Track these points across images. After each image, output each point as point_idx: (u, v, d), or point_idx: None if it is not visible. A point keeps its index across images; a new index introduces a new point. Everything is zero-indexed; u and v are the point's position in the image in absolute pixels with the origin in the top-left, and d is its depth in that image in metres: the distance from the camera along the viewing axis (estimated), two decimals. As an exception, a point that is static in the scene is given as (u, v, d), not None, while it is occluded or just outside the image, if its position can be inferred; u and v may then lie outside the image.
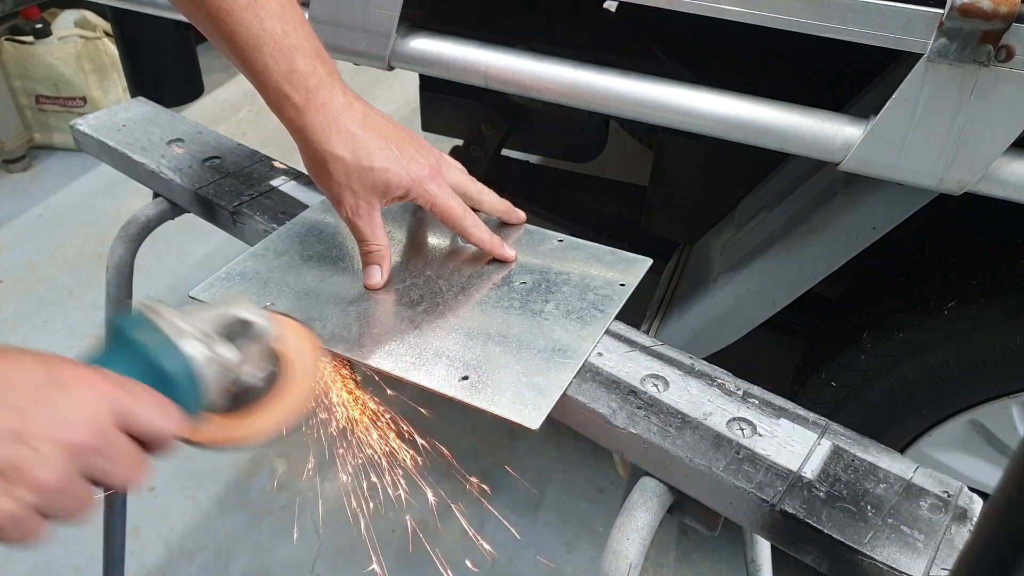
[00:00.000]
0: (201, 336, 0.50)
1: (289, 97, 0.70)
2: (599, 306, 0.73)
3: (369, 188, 0.72)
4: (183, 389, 0.49)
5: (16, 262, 2.17)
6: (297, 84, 0.70)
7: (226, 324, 0.52)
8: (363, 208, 0.73)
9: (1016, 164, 0.72)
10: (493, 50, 0.91)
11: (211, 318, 0.52)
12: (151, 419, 0.47)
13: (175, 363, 0.49)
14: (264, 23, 0.69)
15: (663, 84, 0.84)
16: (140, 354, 0.49)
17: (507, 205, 0.82)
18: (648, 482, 0.63)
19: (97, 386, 0.45)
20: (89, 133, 1.03)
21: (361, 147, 0.71)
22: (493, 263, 0.78)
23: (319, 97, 0.71)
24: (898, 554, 0.54)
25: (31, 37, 2.46)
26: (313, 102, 0.71)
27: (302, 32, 0.71)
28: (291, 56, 0.70)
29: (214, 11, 0.69)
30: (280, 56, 0.70)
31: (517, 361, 0.66)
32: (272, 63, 0.70)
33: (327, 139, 0.71)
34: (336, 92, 0.72)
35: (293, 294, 0.74)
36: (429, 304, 0.73)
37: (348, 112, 0.72)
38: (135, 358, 0.49)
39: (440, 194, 0.75)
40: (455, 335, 0.69)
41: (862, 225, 0.90)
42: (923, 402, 1.03)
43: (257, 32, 0.69)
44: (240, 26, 0.69)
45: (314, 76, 0.71)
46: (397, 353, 0.68)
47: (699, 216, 1.29)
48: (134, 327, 0.49)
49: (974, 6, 0.63)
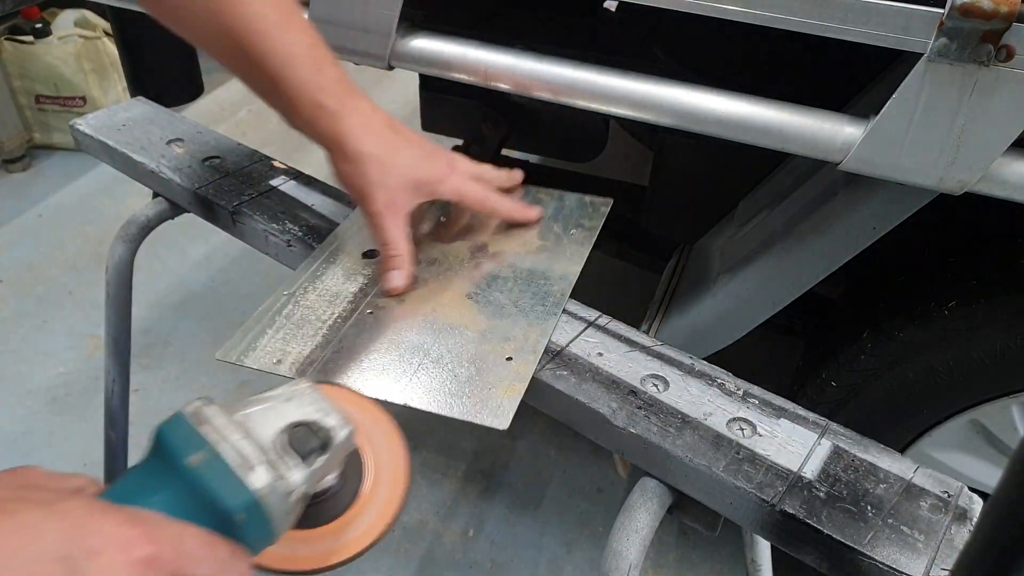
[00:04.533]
0: (267, 461, 0.40)
1: (325, 106, 0.71)
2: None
3: (402, 185, 0.74)
4: (248, 528, 0.40)
5: (16, 262, 2.17)
6: (332, 92, 0.72)
7: (289, 428, 0.43)
8: (395, 207, 0.74)
9: (1016, 164, 0.72)
10: (493, 50, 0.91)
11: (273, 423, 0.42)
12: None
13: (238, 500, 0.39)
14: (295, 38, 0.71)
15: (663, 84, 0.84)
16: (194, 484, 0.39)
17: (507, 173, 0.87)
18: (648, 482, 0.63)
19: (138, 551, 0.35)
20: (89, 133, 1.02)
21: (392, 147, 0.74)
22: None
23: (352, 102, 0.73)
24: (898, 554, 0.54)
25: (31, 37, 2.46)
26: (348, 107, 0.72)
27: (322, 42, 0.73)
28: (322, 67, 0.71)
29: (243, 33, 0.69)
30: (313, 68, 0.71)
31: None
32: (306, 75, 0.71)
33: (361, 140, 0.72)
34: (362, 97, 0.74)
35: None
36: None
37: (376, 115, 0.74)
38: (186, 487, 0.39)
39: (464, 184, 0.79)
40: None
41: (862, 225, 0.90)
42: (923, 402, 1.03)
43: (290, 48, 0.70)
44: (275, 44, 0.70)
45: (343, 83, 0.73)
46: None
47: (699, 216, 1.29)
48: (186, 448, 0.40)
49: (974, 6, 0.63)
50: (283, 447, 0.42)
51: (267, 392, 0.45)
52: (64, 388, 1.79)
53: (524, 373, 0.65)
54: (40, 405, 1.75)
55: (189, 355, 1.87)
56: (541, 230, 0.85)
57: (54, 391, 1.78)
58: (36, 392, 1.78)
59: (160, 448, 0.40)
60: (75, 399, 1.76)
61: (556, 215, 0.88)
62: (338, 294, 0.75)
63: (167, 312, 1.99)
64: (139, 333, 1.74)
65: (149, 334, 1.92)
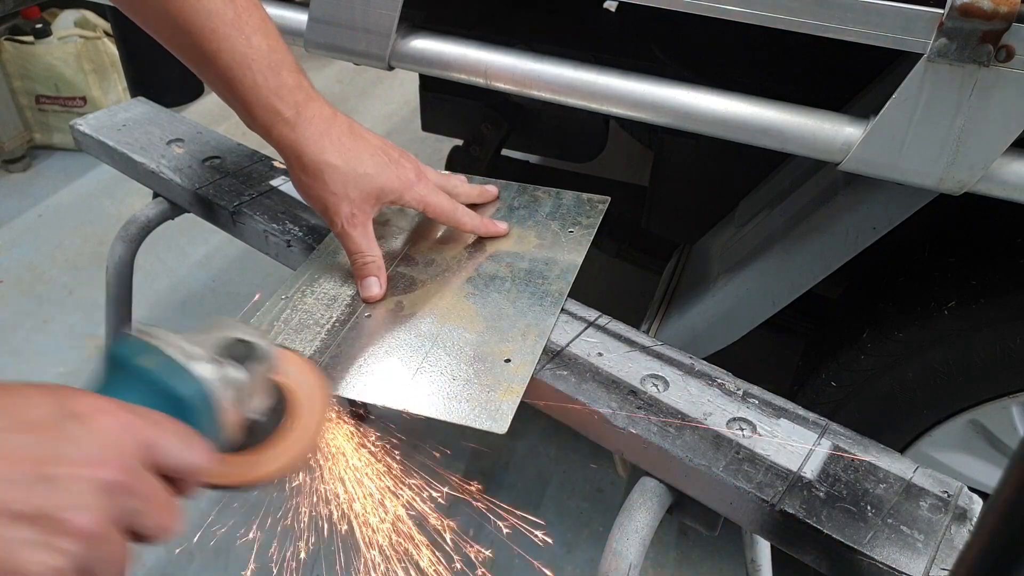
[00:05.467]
0: (210, 358, 0.45)
1: (280, 112, 0.69)
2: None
3: (364, 195, 0.72)
4: (201, 416, 0.44)
5: (16, 262, 2.17)
6: (287, 98, 0.69)
7: (228, 347, 0.48)
8: (358, 217, 0.73)
9: (1016, 164, 0.72)
10: (493, 50, 0.91)
11: (213, 341, 0.47)
12: (179, 451, 0.41)
13: (189, 387, 0.44)
14: (250, 39, 0.68)
15: (663, 84, 0.84)
16: (148, 381, 0.43)
17: (479, 189, 0.86)
18: (648, 482, 0.63)
19: (116, 416, 0.39)
20: (89, 133, 1.03)
21: (353, 155, 0.71)
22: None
23: (309, 110, 0.71)
24: (898, 554, 0.54)
25: (31, 37, 2.46)
26: (304, 115, 0.70)
27: (283, 45, 0.71)
28: (279, 71, 0.69)
29: (195, 30, 0.67)
30: (269, 72, 0.69)
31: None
32: (261, 79, 0.68)
33: (321, 150, 0.70)
34: (321, 103, 0.72)
35: None
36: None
37: (335, 122, 0.72)
38: (143, 386, 0.43)
39: (430, 194, 0.76)
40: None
41: (862, 225, 0.90)
42: (923, 402, 1.02)
43: (244, 49, 0.68)
44: (226, 43, 0.67)
45: (301, 89, 0.70)
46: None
47: (699, 216, 1.29)
48: (137, 353, 0.44)
49: (974, 6, 0.63)
50: (221, 352, 0.47)
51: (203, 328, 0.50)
52: (64, 388, 1.79)
53: (523, 375, 0.65)
54: (40, 405, 1.75)
55: (189, 355, 1.87)
56: (539, 229, 0.85)
57: (54, 391, 1.78)
58: (36, 392, 1.78)
59: (114, 360, 0.44)
60: (75, 399, 1.76)
61: (554, 213, 0.87)
62: (336, 297, 0.75)
63: (167, 312, 1.99)
64: (139, 333, 1.73)
65: (149, 334, 1.92)
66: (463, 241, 0.83)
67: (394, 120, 2.73)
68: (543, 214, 0.87)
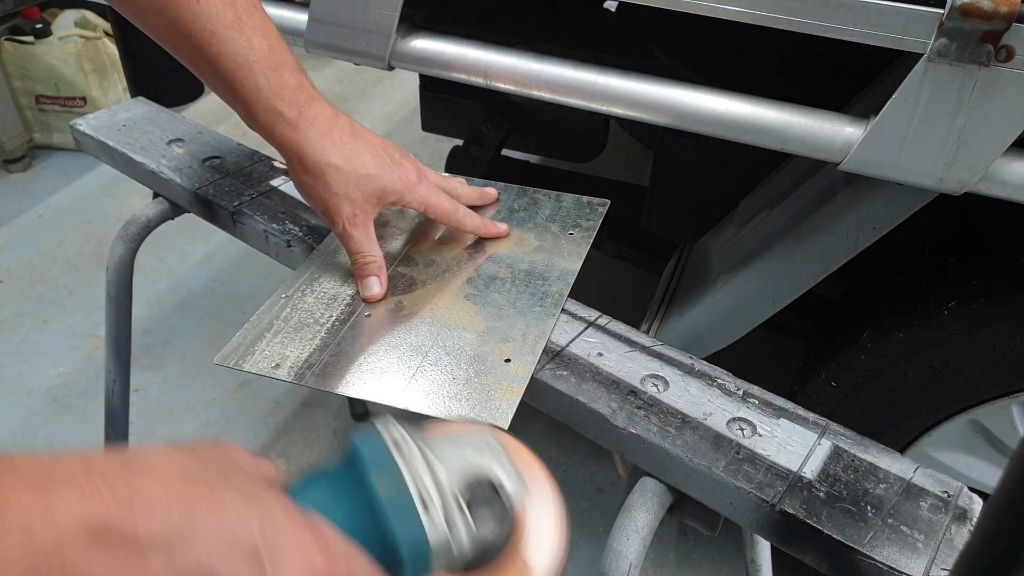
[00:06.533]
0: (445, 507, 0.39)
1: (282, 113, 0.69)
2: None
3: (366, 196, 0.72)
4: (409, 571, 0.39)
5: (16, 262, 2.17)
6: (289, 99, 0.69)
7: (473, 482, 0.41)
8: (359, 218, 0.73)
9: (1016, 164, 0.72)
10: (493, 50, 0.91)
11: (460, 472, 0.41)
12: None
13: (409, 538, 0.38)
14: (251, 41, 0.68)
15: (663, 84, 0.84)
16: (370, 502, 0.39)
17: (479, 191, 0.87)
18: (648, 482, 0.63)
19: (312, 562, 0.35)
20: (89, 133, 1.03)
21: (355, 156, 0.72)
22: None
23: (311, 110, 0.71)
24: (898, 554, 0.54)
25: (31, 37, 2.46)
26: (306, 116, 0.70)
27: (284, 46, 0.71)
28: (280, 72, 0.69)
29: (196, 33, 0.67)
30: (270, 73, 0.69)
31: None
32: (263, 80, 0.68)
33: (323, 151, 0.70)
34: (323, 104, 0.72)
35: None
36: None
37: (337, 123, 0.72)
38: (361, 503, 0.39)
39: (431, 195, 0.77)
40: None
41: (862, 225, 0.90)
42: (923, 402, 1.03)
43: (245, 51, 0.68)
44: (227, 46, 0.67)
45: (302, 90, 0.70)
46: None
47: (699, 216, 1.29)
48: (375, 466, 0.39)
49: (974, 6, 0.63)
50: (461, 495, 0.41)
51: (454, 427, 0.45)
52: (64, 388, 1.79)
53: (523, 375, 0.65)
54: (40, 405, 1.75)
55: (189, 355, 1.87)
56: (539, 231, 0.85)
57: (54, 391, 1.78)
58: (36, 392, 1.78)
59: (352, 461, 0.40)
60: (75, 399, 1.76)
61: (554, 216, 0.88)
62: (336, 296, 0.75)
63: (167, 312, 1.99)
64: (139, 333, 1.74)
65: (149, 334, 1.92)
66: (463, 242, 0.83)
67: (394, 120, 2.73)
68: (543, 216, 0.87)
